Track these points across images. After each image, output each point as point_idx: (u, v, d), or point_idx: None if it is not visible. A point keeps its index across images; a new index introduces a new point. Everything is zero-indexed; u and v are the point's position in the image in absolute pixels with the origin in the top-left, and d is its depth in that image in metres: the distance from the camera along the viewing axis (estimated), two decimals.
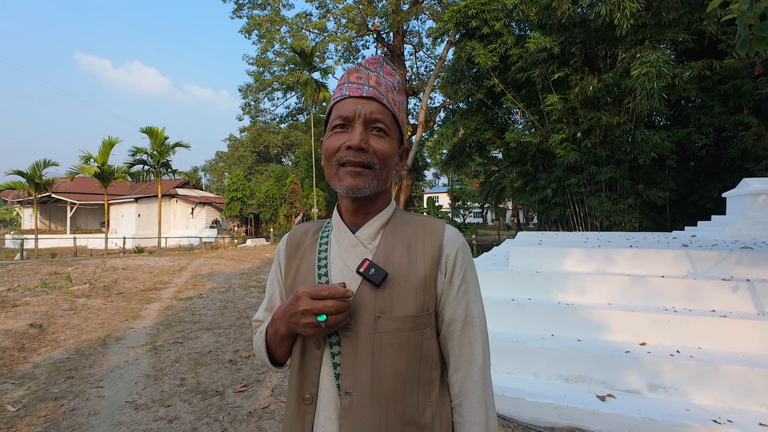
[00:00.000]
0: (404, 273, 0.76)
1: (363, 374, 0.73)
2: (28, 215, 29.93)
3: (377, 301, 0.74)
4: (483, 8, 10.20)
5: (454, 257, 0.78)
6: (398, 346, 0.73)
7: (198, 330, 5.27)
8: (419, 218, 0.84)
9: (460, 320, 0.78)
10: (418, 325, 0.75)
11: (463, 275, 0.79)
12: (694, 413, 2.53)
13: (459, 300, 0.78)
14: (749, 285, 3.23)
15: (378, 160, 0.75)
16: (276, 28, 22.66)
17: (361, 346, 0.74)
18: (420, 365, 0.75)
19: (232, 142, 51.21)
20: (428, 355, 0.76)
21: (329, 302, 0.69)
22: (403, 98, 0.83)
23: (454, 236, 0.80)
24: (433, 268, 0.77)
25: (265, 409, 3.09)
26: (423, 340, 0.75)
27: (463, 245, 0.80)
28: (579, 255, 4.10)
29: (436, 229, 0.81)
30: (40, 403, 3.18)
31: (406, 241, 0.80)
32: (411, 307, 0.74)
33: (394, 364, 0.73)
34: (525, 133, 11.12)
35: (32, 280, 8.63)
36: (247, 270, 11.21)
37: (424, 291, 0.76)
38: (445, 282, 0.78)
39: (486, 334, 0.80)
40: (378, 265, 0.75)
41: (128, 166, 21.15)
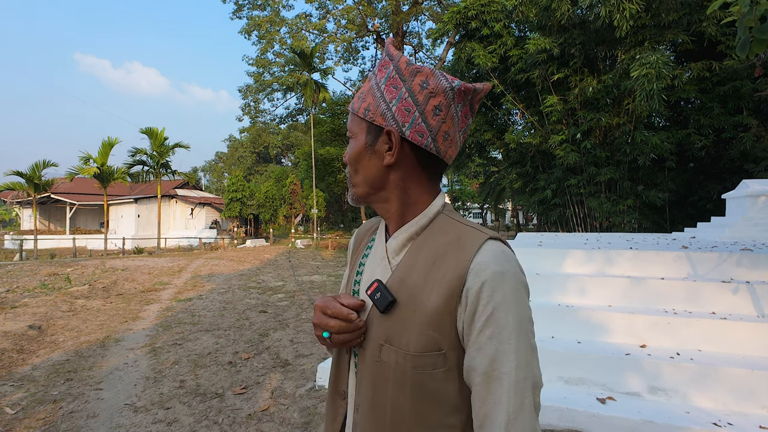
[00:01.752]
0: (415, 301, 0.65)
1: (366, 398, 0.69)
2: (28, 216, 29.91)
3: (384, 328, 0.67)
4: (483, 9, 10.21)
5: (477, 291, 0.61)
6: (399, 382, 0.65)
7: (197, 331, 5.26)
8: (459, 229, 0.68)
9: (479, 372, 0.60)
10: (424, 365, 0.63)
11: (490, 316, 0.60)
12: (694, 416, 2.53)
13: (480, 347, 0.60)
14: (749, 287, 3.23)
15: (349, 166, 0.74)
16: (276, 28, 22.68)
17: (366, 369, 0.70)
18: (428, 407, 0.64)
19: (231, 142, 51.25)
20: (441, 398, 0.64)
21: (331, 321, 0.68)
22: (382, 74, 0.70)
23: (486, 262, 0.62)
24: (449, 302, 0.63)
25: (264, 412, 3.08)
26: (432, 382, 0.63)
27: (494, 276, 0.61)
28: (579, 256, 4.10)
29: (468, 247, 0.64)
30: (39, 406, 3.17)
31: (431, 259, 0.67)
32: (414, 344, 0.63)
33: (395, 398, 0.65)
34: (525, 134, 11.13)
35: (31, 281, 8.62)
36: (246, 271, 11.20)
37: (432, 328, 0.63)
38: (466, 320, 0.62)
39: (523, 401, 0.59)
40: (387, 289, 0.67)
41: (128, 166, 21.14)
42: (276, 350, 4.53)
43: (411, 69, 0.68)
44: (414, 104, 0.67)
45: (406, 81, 0.68)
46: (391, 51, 0.71)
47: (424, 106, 0.67)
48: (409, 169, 0.70)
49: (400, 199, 0.71)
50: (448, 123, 0.68)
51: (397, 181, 0.70)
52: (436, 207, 0.71)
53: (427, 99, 0.67)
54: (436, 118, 0.67)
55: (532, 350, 0.61)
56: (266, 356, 4.33)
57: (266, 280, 9.66)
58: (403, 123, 0.67)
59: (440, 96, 0.67)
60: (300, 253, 16.66)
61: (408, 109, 0.67)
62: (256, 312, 6.35)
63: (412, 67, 0.68)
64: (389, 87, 0.69)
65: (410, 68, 0.68)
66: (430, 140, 0.68)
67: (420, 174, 0.71)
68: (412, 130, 0.67)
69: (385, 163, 0.69)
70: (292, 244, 19.94)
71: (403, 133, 0.67)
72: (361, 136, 0.71)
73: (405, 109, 0.67)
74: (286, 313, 6.31)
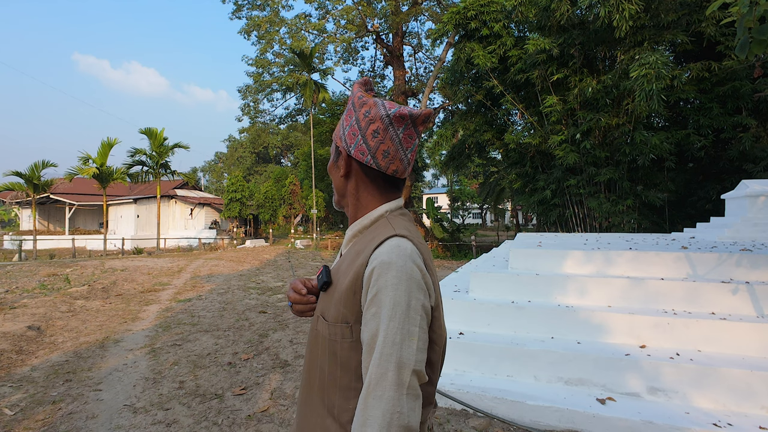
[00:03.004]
0: (338, 283, 0.82)
1: (306, 358, 0.89)
2: (27, 216, 29.87)
3: (321, 303, 0.86)
4: (482, 10, 10.22)
5: (369, 275, 0.75)
6: (322, 348, 0.83)
7: (197, 332, 5.25)
8: (383, 228, 0.83)
9: (366, 343, 0.74)
10: (335, 334, 0.80)
11: (374, 297, 0.73)
12: (694, 416, 2.53)
13: (366, 322, 0.74)
14: (749, 287, 3.23)
15: None
16: (275, 29, 22.66)
17: (309, 336, 0.90)
18: (341, 372, 0.79)
19: (231, 142, 51.20)
20: (350, 365, 0.78)
21: (291, 294, 0.90)
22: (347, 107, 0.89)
23: (381, 253, 0.76)
24: (355, 283, 0.77)
25: (264, 413, 3.08)
26: (341, 350, 0.79)
27: (381, 264, 0.73)
28: (578, 257, 4.10)
29: (376, 241, 0.79)
30: (38, 407, 3.16)
31: (357, 251, 0.83)
32: (331, 316, 0.81)
33: (321, 362, 0.83)
34: (524, 134, 11.13)
35: (30, 282, 8.60)
36: (246, 271, 11.20)
37: (342, 304, 0.79)
38: (363, 299, 0.76)
39: (386, 367, 0.69)
40: (328, 273, 0.86)
41: (127, 167, 21.12)
42: (275, 351, 4.52)
43: (360, 101, 0.86)
44: (358, 129, 0.84)
45: (356, 111, 0.86)
46: (354, 88, 0.89)
47: (365, 130, 0.84)
48: (359, 180, 0.87)
49: (353, 204, 0.89)
50: (386, 143, 0.83)
51: (351, 189, 0.88)
52: (379, 212, 0.86)
53: (367, 125, 0.84)
54: (374, 140, 0.83)
55: (403, 333, 0.71)
56: (266, 357, 4.33)
57: (266, 280, 9.65)
58: (350, 144, 0.85)
59: (378, 122, 0.83)
60: (300, 253, 16.65)
61: (354, 133, 0.85)
62: (255, 312, 6.35)
63: (361, 100, 0.86)
64: (347, 117, 0.88)
65: (360, 101, 0.86)
66: (369, 158, 0.84)
67: (368, 185, 0.87)
68: (355, 150, 0.85)
69: (340, 175, 0.89)
70: (292, 245, 19.93)
71: (349, 151, 0.86)
72: (333, 155, 0.92)
73: (352, 134, 0.85)
74: (285, 313, 6.31)
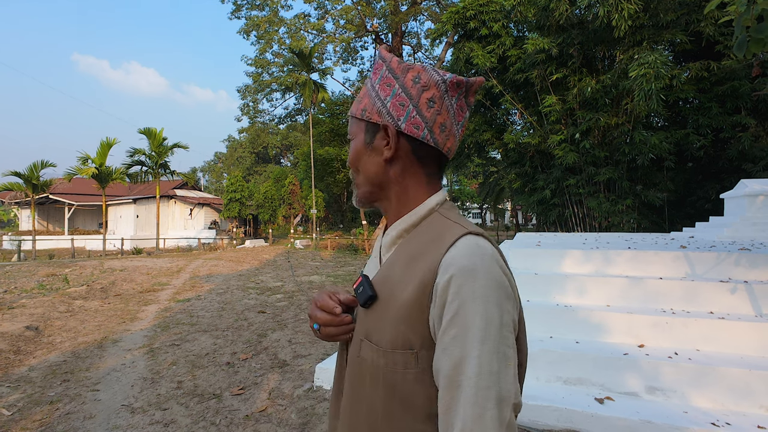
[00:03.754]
0: (391, 297, 0.63)
1: (347, 394, 0.70)
2: (26, 216, 29.85)
3: (365, 323, 0.67)
4: (481, 9, 10.21)
5: (444, 287, 0.57)
6: (374, 380, 0.63)
7: (195, 332, 5.25)
8: (445, 225, 0.66)
9: (443, 375, 0.56)
10: (395, 363, 0.61)
11: (455, 314, 0.56)
12: (692, 416, 2.52)
13: (445, 348, 0.57)
14: (747, 286, 3.23)
15: (351, 169, 0.75)
16: (274, 29, 22.67)
17: (349, 365, 0.70)
18: (399, 410, 0.61)
19: (230, 142, 51.20)
20: (413, 402, 0.60)
21: (319, 313, 0.69)
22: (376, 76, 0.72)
23: (458, 256, 0.59)
24: (421, 297, 0.60)
25: (262, 413, 3.07)
26: (403, 383, 0.60)
27: (462, 270, 0.57)
28: (578, 256, 4.10)
29: (444, 241, 0.62)
30: (36, 407, 3.16)
31: (411, 255, 0.65)
32: (386, 340, 0.62)
33: (370, 397, 0.64)
34: (524, 134, 11.13)
35: (29, 282, 8.59)
36: (245, 271, 11.19)
37: (404, 323, 0.60)
38: (435, 319, 0.59)
39: (483, 413, 0.53)
40: (370, 284, 0.66)
41: (126, 167, 21.12)
42: (274, 351, 4.51)
43: (403, 66, 0.69)
44: (408, 98, 0.68)
45: (398, 78, 0.69)
46: (383, 53, 0.72)
47: (417, 99, 0.68)
48: (407, 163, 0.70)
49: (398, 194, 0.71)
50: (443, 115, 0.68)
51: (396, 176, 0.70)
52: (430, 204, 0.70)
53: (420, 92, 0.68)
54: (430, 110, 0.68)
55: (499, 358, 0.55)
56: (264, 357, 4.32)
57: (265, 280, 9.65)
58: (398, 117, 0.68)
59: (433, 89, 0.68)
60: (299, 253, 16.65)
61: (402, 103, 0.68)
62: (254, 312, 6.34)
63: (404, 65, 0.69)
64: (383, 86, 0.70)
65: (402, 65, 0.69)
66: (426, 132, 0.68)
67: (418, 169, 0.70)
68: (407, 123, 0.67)
69: (383, 158, 0.69)
70: (292, 245, 19.92)
71: (399, 126, 0.68)
72: (360, 136, 0.72)
73: (399, 104, 0.68)
74: (284, 313, 6.30)
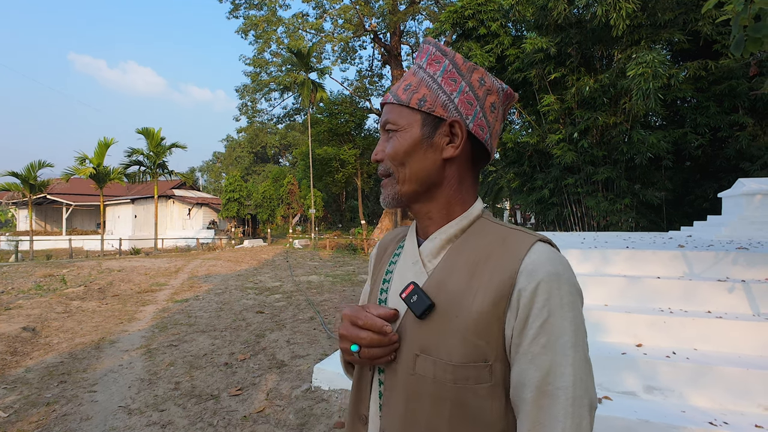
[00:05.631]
0: (456, 306, 0.59)
1: (396, 419, 0.62)
2: (24, 217, 29.75)
3: (419, 336, 0.61)
4: (479, 9, 10.21)
5: (531, 294, 0.55)
6: (437, 398, 0.58)
7: (193, 332, 5.23)
8: (503, 231, 0.64)
9: (531, 387, 0.54)
10: (466, 378, 0.57)
11: (544, 322, 0.54)
12: (690, 415, 2.52)
13: (533, 358, 0.54)
14: (745, 286, 3.23)
15: (390, 162, 0.67)
16: (273, 28, 22.63)
17: (398, 385, 0.62)
18: (469, 430, 0.57)
19: (229, 142, 51.12)
20: (484, 419, 0.57)
21: (363, 333, 0.62)
22: (436, 68, 0.67)
23: (541, 262, 0.57)
24: (497, 306, 0.57)
25: (260, 413, 3.06)
26: (474, 399, 0.57)
27: (550, 277, 0.56)
28: (576, 255, 4.10)
29: (517, 248, 0.59)
30: (32, 409, 3.14)
31: (472, 262, 0.61)
32: (456, 353, 0.57)
33: (431, 419, 0.59)
34: (522, 133, 11.14)
35: (26, 283, 8.56)
36: (244, 271, 11.17)
37: (477, 335, 0.57)
38: (516, 327, 0.56)
39: (580, 422, 0.53)
40: (424, 292, 0.61)
41: (124, 167, 21.06)
42: (272, 351, 4.51)
43: (468, 65, 0.67)
44: (475, 98, 0.66)
45: (464, 76, 0.66)
46: (443, 47, 0.70)
47: (483, 101, 0.66)
48: (463, 165, 0.67)
49: (450, 197, 0.67)
50: (499, 122, 0.69)
51: (452, 176, 0.67)
52: (478, 209, 0.68)
53: (485, 95, 0.67)
54: (492, 115, 0.67)
55: (588, 365, 0.56)
56: (262, 357, 4.31)
57: (263, 280, 9.64)
58: (466, 115, 0.65)
59: (495, 94, 0.68)
60: (298, 253, 16.63)
61: (470, 102, 0.66)
62: (252, 313, 6.33)
63: (469, 64, 0.67)
64: (447, 80, 0.66)
65: (467, 64, 0.67)
66: (488, 136, 0.67)
67: (471, 172, 0.69)
68: (475, 124, 0.66)
69: (444, 156, 0.65)
70: (290, 245, 19.90)
71: (468, 125, 0.65)
72: (415, 128, 0.66)
73: (468, 102, 0.65)
74: (283, 313, 6.29)
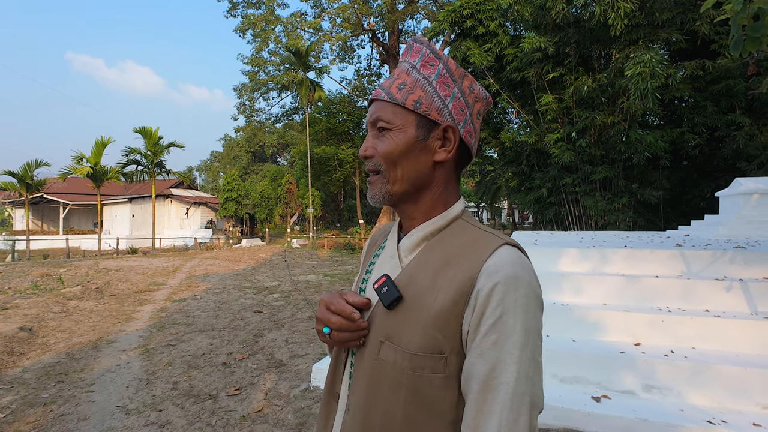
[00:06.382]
0: (420, 300, 0.63)
1: (359, 398, 0.67)
2: (20, 216, 29.60)
3: (386, 325, 0.65)
4: (478, 8, 10.20)
5: (487, 293, 0.58)
6: (395, 384, 0.62)
7: (191, 332, 5.22)
8: (475, 233, 0.67)
9: (477, 380, 0.57)
10: (422, 367, 0.61)
11: (496, 320, 0.57)
12: (688, 413, 2.53)
13: (482, 353, 0.58)
14: (742, 284, 3.24)
15: (382, 160, 0.68)
16: (271, 27, 22.57)
17: (363, 368, 0.67)
18: (423, 416, 0.61)
19: (227, 141, 50.96)
20: (437, 408, 0.61)
21: (333, 318, 0.67)
22: (430, 71, 0.68)
23: (501, 264, 0.60)
24: (457, 303, 0.60)
25: (258, 413, 3.06)
26: (429, 388, 0.60)
27: (507, 279, 0.58)
28: (574, 255, 4.10)
29: (483, 250, 0.62)
30: (29, 409, 3.13)
31: (442, 260, 0.65)
32: (415, 343, 0.61)
33: (388, 402, 0.63)
34: (520, 132, 11.14)
35: (23, 282, 8.52)
36: (242, 271, 11.15)
37: (435, 328, 0.61)
38: (472, 323, 0.59)
39: (517, 417, 0.55)
40: (395, 284, 0.65)
41: (121, 166, 20.99)
42: (271, 350, 4.50)
43: (460, 71, 0.70)
44: (466, 105, 0.69)
45: (456, 82, 0.69)
46: (436, 50, 0.71)
47: (472, 108, 0.70)
48: (450, 168, 0.71)
49: (435, 198, 0.70)
50: (479, 130, 0.73)
51: (440, 178, 0.70)
52: (456, 210, 0.70)
53: (473, 102, 0.70)
54: (477, 122, 0.72)
55: (535, 366, 0.58)
56: (261, 357, 4.30)
57: (262, 279, 9.62)
58: (458, 121, 0.68)
59: (480, 102, 0.71)
60: (296, 252, 16.61)
61: (462, 108, 0.69)
62: (251, 312, 6.31)
63: (460, 70, 0.70)
64: (441, 84, 0.68)
65: (459, 70, 0.70)
66: (473, 142, 0.71)
67: (455, 175, 0.72)
68: (465, 130, 0.69)
69: (435, 159, 0.68)
70: (288, 244, 19.88)
71: (460, 130, 0.68)
72: (410, 129, 0.67)
73: (460, 108, 0.69)
74: (281, 313, 6.28)
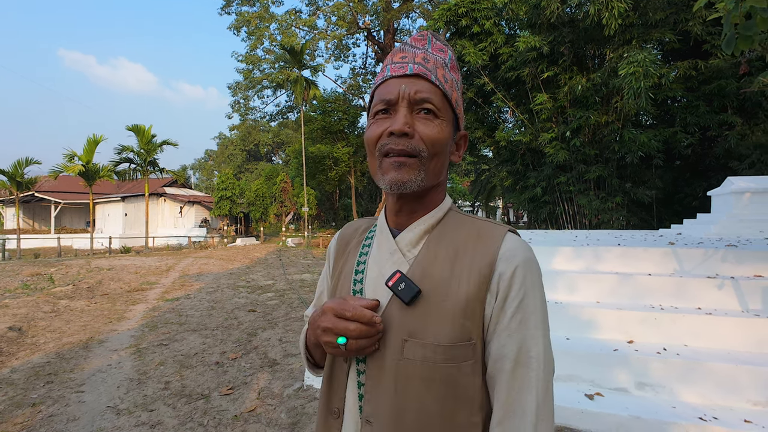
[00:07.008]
0: (442, 291, 0.63)
1: (384, 404, 0.64)
2: (11, 215, 29.22)
3: (407, 322, 0.63)
4: (473, 7, 10.21)
5: (510, 277, 0.62)
6: (427, 379, 0.62)
7: (184, 331, 5.17)
8: (475, 222, 0.70)
9: (510, 359, 0.60)
10: (454, 357, 0.61)
11: (521, 301, 0.61)
12: (680, 411, 2.54)
13: (511, 333, 0.61)
14: (734, 282, 3.27)
15: (426, 146, 0.64)
16: (265, 24, 22.46)
17: (385, 371, 0.64)
18: (456, 405, 0.62)
19: (221, 140, 50.69)
20: (468, 395, 0.62)
21: (351, 325, 0.62)
22: (457, 76, 0.70)
23: (515, 249, 0.64)
24: (480, 289, 0.62)
25: (251, 413, 3.03)
26: (461, 376, 0.61)
27: (525, 262, 0.63)
28: (568, 253, 4.12)
29: (493, 238, 0.66)
30: (17, 410, 3.08)
31: (452, 250, 0.66)
32: (445, 335, 0.61)
33: (421, 400, 0.62)
34: (515, 131, 11.18)
35: (13, 282, 8.41)
36: (236, 270, 11.08)
37: (464, 316, 0.62)
38: (496, 307, 0.62)
39: (548, 385, 0.61)
40: (410, 280, 0.64)
41: (114, 164, 20.78)
42: (264, 350, 4.47)
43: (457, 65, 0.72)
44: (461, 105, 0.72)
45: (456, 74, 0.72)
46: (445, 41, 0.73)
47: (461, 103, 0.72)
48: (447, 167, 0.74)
49: (437, 193, 0.72)
50: None
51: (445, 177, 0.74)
52: (449, 202, 0.74)
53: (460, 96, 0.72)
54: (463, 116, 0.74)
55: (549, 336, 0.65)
56: (254, 356, 4.27)
57: (256, 278, 9.56)
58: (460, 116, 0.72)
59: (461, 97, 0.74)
60: (291, 251, 16.55)
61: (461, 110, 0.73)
62: (244, 311, 6.27)
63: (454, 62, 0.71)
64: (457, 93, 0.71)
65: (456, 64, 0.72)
66: None
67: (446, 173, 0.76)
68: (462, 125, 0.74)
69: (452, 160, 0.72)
70: (283, 243, 19.81)
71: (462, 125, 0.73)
72: (449, 125, 0.68)
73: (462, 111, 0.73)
74: (275, 312, 6.25)
